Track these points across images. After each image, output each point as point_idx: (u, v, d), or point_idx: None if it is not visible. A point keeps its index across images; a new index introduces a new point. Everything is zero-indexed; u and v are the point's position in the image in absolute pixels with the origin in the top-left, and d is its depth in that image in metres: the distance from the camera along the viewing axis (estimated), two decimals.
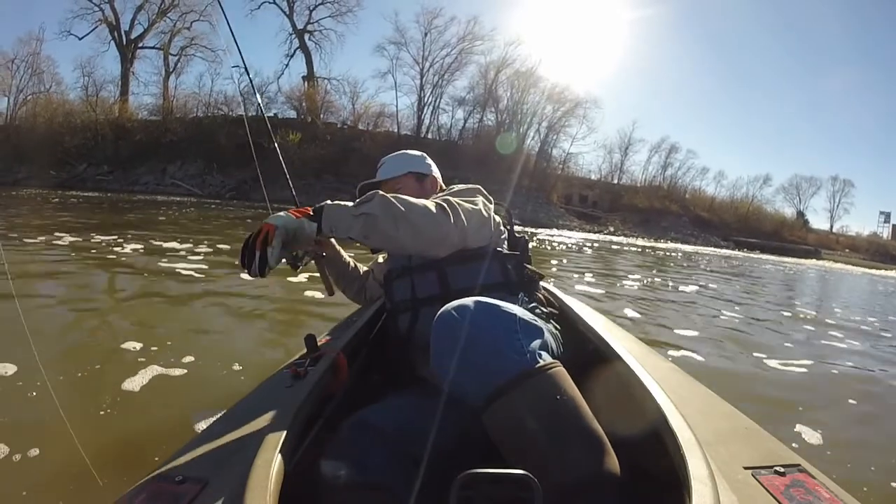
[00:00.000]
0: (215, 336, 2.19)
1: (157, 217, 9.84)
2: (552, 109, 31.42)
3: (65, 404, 1.27)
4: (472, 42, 30.92)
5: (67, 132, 28.25)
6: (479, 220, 1.03)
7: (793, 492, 0.57)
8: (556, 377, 0.70)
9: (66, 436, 1.13)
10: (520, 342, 0.72)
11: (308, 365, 0.86)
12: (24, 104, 31.97)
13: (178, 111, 30.75)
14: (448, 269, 1.03)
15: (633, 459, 0.73)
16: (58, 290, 2.86)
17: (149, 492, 0.55)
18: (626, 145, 35.71)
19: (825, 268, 20.13)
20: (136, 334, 1.99)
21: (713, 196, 38.14)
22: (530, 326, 0.76)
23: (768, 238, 33.47)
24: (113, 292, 3.07)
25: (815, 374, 2.46)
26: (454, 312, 0.72)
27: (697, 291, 5.65)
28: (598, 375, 0.94)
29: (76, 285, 3.06)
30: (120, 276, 3.58)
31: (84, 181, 25.47)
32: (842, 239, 41.43)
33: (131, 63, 31.66)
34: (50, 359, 1.65)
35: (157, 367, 1.67)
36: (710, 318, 3.90)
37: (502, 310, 0.74)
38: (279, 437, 0.59)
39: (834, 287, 10.31)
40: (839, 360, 2.85)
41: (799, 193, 41.26)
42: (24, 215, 7.99)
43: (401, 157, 1.31)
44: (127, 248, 4.81)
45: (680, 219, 33.05)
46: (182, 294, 3.01)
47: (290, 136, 25.20)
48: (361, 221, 0.90)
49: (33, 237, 4.93)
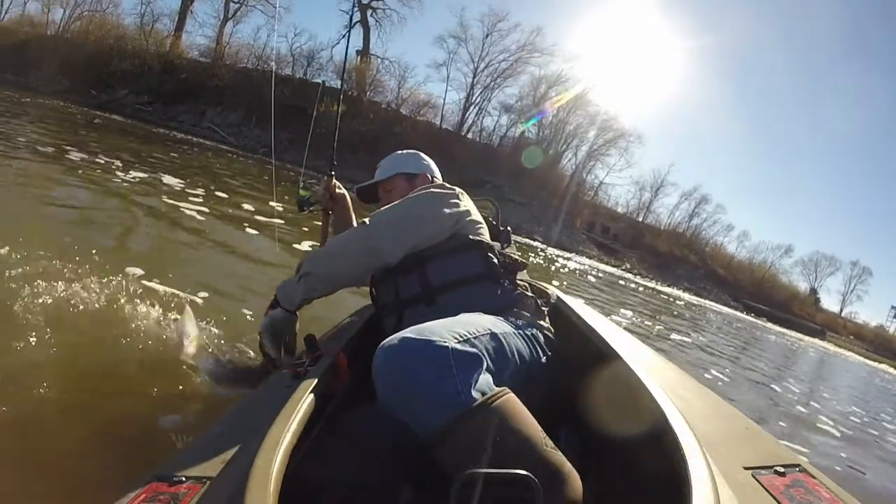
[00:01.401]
0: (217, 330, 2.09)
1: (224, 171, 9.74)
2: (594, 135, 31.35)
3: (64, 404, 1.25)
4: (532, 52, 30.83)
5: (116, 55, 28.31)
6: (411, 222, 1.06)
7: (793, 492, 0.57)
8: (497, 411, 0.67)
9: (66, 436, 1.12)
10: (453, 380, 0.69)
11: (308, 365, 0.85)
12: (78, 18, 32.07)
13: (229, 58, 30.71)
14: (428, 266, 1.04)
15: (633, 459, 0.74)
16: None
17: (149, 492, 0.55)
18: (659, 186, 35.67)
19: (832, 351, 20.02)
20: (136, 331, 1.88)
21: (732, 255, 38.05)
22: (466, 357, 0.72)
23: (778, 308, 33.35)
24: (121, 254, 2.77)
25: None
26: (385, 356, 0.71)
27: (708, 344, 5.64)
28: (599, 375, 0.94)
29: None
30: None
31: (123, 106, 25.50)
32: (849, 324, 41.27)
33: (192, 1, 31.64)
34: (49, 355, 1.56)
35: (156, 367, 1.60)
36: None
37: (434, 345, 0.70)
38: (279, 437, 0.59)
39: (833, 370, 10.47)
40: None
41: (816, 270, 41.24)
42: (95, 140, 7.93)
43: (393, 159, 1.35)
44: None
45: (696, 270, 32.95)
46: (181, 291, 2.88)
47: (334, 106, 25.13)
48: (303, 283, 1.04)
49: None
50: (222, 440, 0.67)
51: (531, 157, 27.27)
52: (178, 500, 0.53)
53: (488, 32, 30.56)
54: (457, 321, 0.82)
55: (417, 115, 29.93)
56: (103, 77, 26.96)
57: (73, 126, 9.43)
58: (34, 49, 28.31)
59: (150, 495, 0.54)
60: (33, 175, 3.79)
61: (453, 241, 1.07)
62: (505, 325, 0.91)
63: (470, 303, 0.95)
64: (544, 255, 13.51)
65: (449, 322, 0.80)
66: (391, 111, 28.99)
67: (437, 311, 0.89)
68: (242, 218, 4.36)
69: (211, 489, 0.55)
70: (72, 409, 1.25)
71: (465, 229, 1.09)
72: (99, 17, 31.27)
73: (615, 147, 31.86)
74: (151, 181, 5.01)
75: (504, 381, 0.76)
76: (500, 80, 31.07)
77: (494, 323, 0.89)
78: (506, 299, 1.03)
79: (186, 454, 0.64)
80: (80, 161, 5.00)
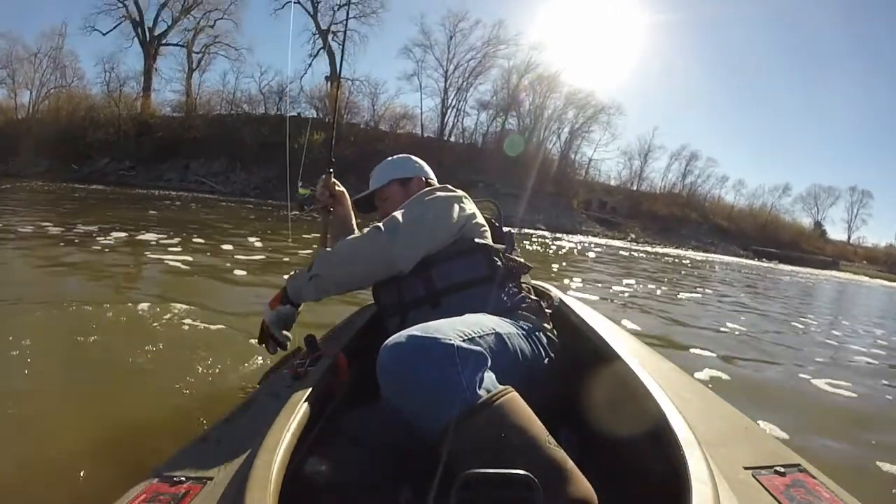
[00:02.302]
0: (217, 332, 2.10)
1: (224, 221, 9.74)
2: (574, 115, 31.37)
3: (64, 403, 1.26)
4: (497, 46, 30.81)
5: (90, 127, 28.34)
6: (426, 228, 1.05)
7: (793, 492, 0.57)
8: (501, 409, 0.68)
9: (66, 436, 1.12)
10: (459, 377, 0.69)
11: (308, 365, 0.86)
12: (46, 98, 32.12)
13: (202, 108, 30.75)
14: (432, 269, 1.04)
15: (634, 459, 0.74)
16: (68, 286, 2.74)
17: (149, 492, 0.55)
18: (647, 152, 35.55)
19: (845, 279, 20.14)
20: (135, 333, 1.94)
21: (732, 205, 37.99)
22: (471, 355, 0.72)
23: (786, 248, 33.26)
24: (119, 289, 2.92)
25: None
26: (390, 353, 0.71)
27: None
28: (599, 375, 0.94)
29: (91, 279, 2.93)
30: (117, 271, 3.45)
31: (106, 175, 25.49)
32: (859, 250, 41.11)
33: (154, 59, 31.69)
34: (50, 358, 1.59)
35: (156, 368, 1.62)
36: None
37: (440, 343, 0.70)
38: (279, 437, 0.59)
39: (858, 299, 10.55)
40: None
41: (817, 203, 40.99)
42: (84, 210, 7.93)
43: (384, 166, 1.34)
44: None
45: (699, 227, 32.87)
46: (184, 288, 2.90)
47: (315, 135, 25.15)
48: (315, 284, 1.04)
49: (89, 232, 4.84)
50: (222, 440, 0.67)
51: (513, 144, 27.21)
52: (178, 500, 0.53)
53: (451, 34, 30.53)
54: (462, 321, 0.83)
55: (397, 128, 29.96)
56: (81, 150, 26.97)
57: (83, 204, 9.40)
58: (7, 135, 28.33)
59: (150, 495, 0.54)
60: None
61: (458, 244, 1.08)
62: (509, 326, 0.92)
63: (474, 306, 0.96)
64: (547, 243, 13.40)
65: (454, 321, 0.81)
66: (371, 129, 29.01)
67: (441, 314, 0.89)
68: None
69: (211, 489, 0.55)
70: (72, 409, 1.26)
71: (470, 232, 1.10)
72: (66, 92, 31.35)
73: (597, 122, 31.88)
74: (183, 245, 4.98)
75: (507, 381, 0.76)
76: (472, 78, 31.05)
77: (499, 323, 0.90)
78: (510, 302, 1.04)
79: (186, 454, 0.64)
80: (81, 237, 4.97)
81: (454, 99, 30.91)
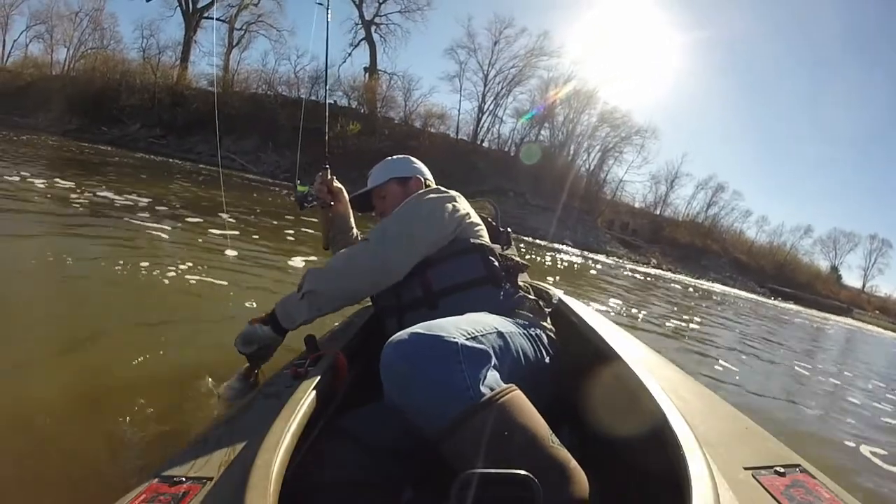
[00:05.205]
0: (216, 333, 2.00)
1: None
2: (607, 133, 31.23)
3: (65, 405, 1.25)
4: (539, 56, 30.70)
5: (124, 91, 28.33)
6: (417, 234, 1.05)
7: (793, 492, 0.57)
8: (504, 407, 0.68)
9: (66, 436, 1.12)
10: (462, 375, 0.69)
11: (308, 365, 0.85)
12: (82, 57, 32.08)
13: (238, 85, 30.67)
14: (429, 271, 1.04)
15: (633, 459, 0.74)
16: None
17: (149, 492, 0.55)
18: (674, 178, 35.39)
19: (858, 328, 20.07)
20: (135, 331, 1.87)
21: (752, 240, 37.87)
22: (474, 353, 0.72)
23: (801, 289, 33.18)
24: (115, 282, 2.59)
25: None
26: (394, 351, 0.70)
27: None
28: (599, 376, 0.94)
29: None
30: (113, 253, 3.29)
31: (136, 141, 25.43)
32: (873, 299, 41.02)
33: (195, 31, 31.64)
34: (50, 356, 1.55)
35: (157, 368, 1.57)
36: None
37: (443, 340, 0.70)
38: (279, 437, 0.59)
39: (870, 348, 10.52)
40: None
41: (836, 248, 40.95)
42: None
43: (384, 165, 1.35)
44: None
45: (719, 259, 32.76)
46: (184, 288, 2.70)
47: (351, 125, 25.04)
48: (308, 301, 1.02)
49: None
50: (222, 440, 0.67)
51: (529, 153, 27.17)
52: (178, 500, 0.53)
53: (496, 40, 30.42)
54: (465, 319, 0.82)
55: (429, 126, 29.87)
56: (113, 113, 26.94)
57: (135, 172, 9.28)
58: (40, 90, 28.35)
59: (151, 495, 0.54)
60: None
61: (454, 245, 1.08)
62: (510, 325, 0.92)
63: (472, 306, 0.95)
64: (575, 263, 13.06)
65: (457, 320, 0.81)
66: (405, 125, 28.91)
67: (439, 315, 0.87)
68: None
69: (211, 489, 0.55)
70: (72, 409, 1.25)
71: (465, 233, 1.10)
72: (103, 54, 31.27)
73: (630, 144, 31.73)
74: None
75: (509, 380, 0.75)
76: (512, 86, 30.96)
77: (500, 322, 0.90)
78: (508, 302, 1.04)
79: (186, 454, 0.64)
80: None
81: (491, 104, 30.83)
